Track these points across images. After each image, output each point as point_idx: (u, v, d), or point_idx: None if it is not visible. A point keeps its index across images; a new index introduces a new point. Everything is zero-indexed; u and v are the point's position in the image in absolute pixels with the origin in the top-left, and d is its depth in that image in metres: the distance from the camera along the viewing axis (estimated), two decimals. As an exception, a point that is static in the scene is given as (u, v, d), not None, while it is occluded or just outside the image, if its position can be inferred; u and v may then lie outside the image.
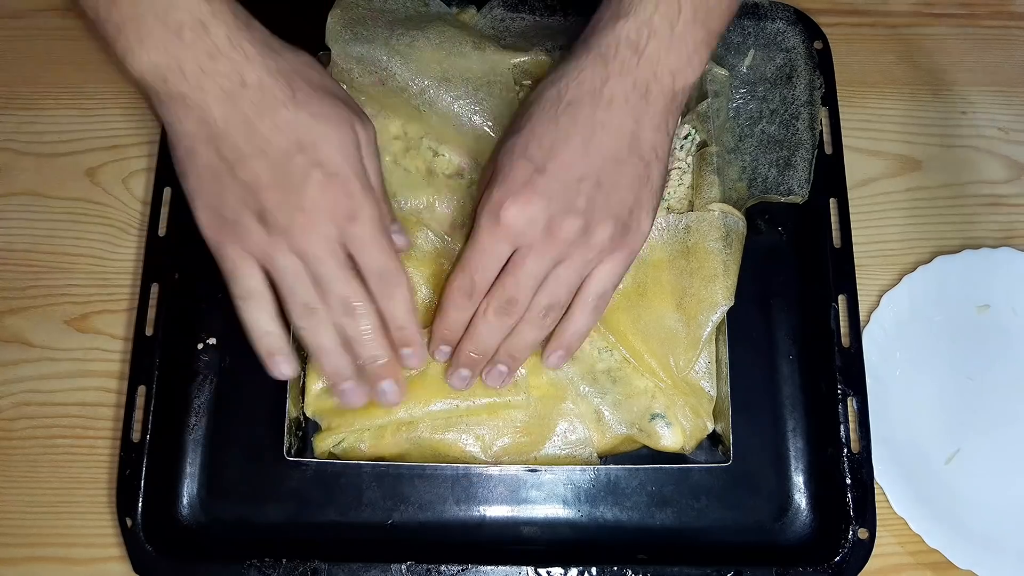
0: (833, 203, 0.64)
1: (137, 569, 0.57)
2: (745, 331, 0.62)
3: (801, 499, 0.60)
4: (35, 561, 0.60)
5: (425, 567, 0.57)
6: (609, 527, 0.60)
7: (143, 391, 0.60)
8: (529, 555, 0.58)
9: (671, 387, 0.59)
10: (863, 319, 0.65)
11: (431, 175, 0.62)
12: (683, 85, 0.51)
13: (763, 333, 0.63)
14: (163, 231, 0.63)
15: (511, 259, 0.51)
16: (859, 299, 0.62)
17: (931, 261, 0.66)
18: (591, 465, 0.59)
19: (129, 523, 0.57)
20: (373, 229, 0.50)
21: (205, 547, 0.59)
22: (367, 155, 0.51)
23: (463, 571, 0.57)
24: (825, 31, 0.68)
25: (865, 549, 0.57)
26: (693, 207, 0.61)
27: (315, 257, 0.49)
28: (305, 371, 0.60)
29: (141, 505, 0.58)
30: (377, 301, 0.52)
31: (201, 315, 0.63)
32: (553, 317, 0.53)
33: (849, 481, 0.58)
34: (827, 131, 0.66)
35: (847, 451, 0.59)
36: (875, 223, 0.68)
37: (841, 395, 0.60)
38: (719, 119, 0.63)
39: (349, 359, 0.53)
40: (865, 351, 0.62)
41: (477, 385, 0.59)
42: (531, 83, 0.64)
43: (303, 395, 0.60)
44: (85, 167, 0.69)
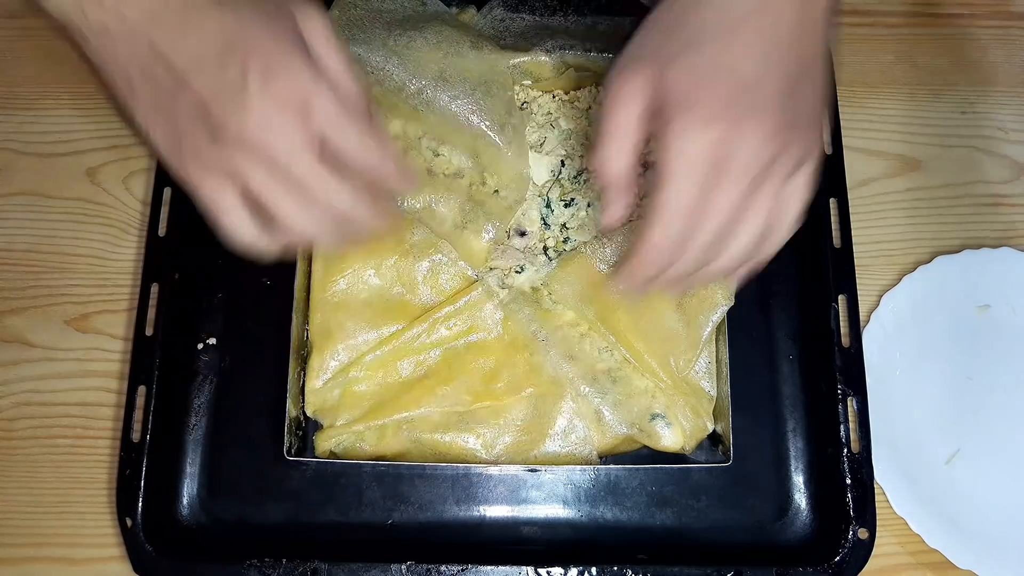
0: (833, 203, 0.64)
1: (137, 569, 0.57)
2: (745, 331, 0.62)
3: (801, 499, 0.60)
4: (35, 561, 0.60)
5: (425, 567, 0.57)
6: (609, 527, 0.60)
7: (143, 391, 0.60)
8: (529, 555, 0.58)
9: (671, 387, 0.59)
10: (863, 319, 0.65)
11: (431, 175, 0.62)
12: None
13: (763, 333, 0.63)
14: (163, 231, 0.63)
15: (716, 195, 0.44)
16: (859, 299, 0.62)
17: (931, 261, 0.66)
18: (591, 465, 0.59)
19: (129, 523, 0.57)
20: (333, 113, 0.45)
21: (205, 547, 0.59)
22: (319, 41, 0.46)
23: (463, 571, 0.57)
24: (825, 31, 0.68)
25: (865, 549, 0.57)
26: (693, 207, 0.61)
27: (280, 162, 0.45)
28: (305, 371, 0.60)
29: (141, 505, 0.58)
30: (365, 177, 0.47)
31: (201, 315, 0.63)
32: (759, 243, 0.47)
33: (849, 481, 0.58)
34: (827, 131, 0.66)
35: (847, 451, 0.59)
36: (875, 223, 0.68)
37: (841, 395, 0.60)
38: (719, 119, 0.63)
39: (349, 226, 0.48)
40: (865, 351, 0.62)
41: (478, 386, 0.59)
42: (531, 83, 0.65)
43: (303, 394, 0.60)
44: (85, 167, 0.69)
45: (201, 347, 0.63)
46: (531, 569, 0.57)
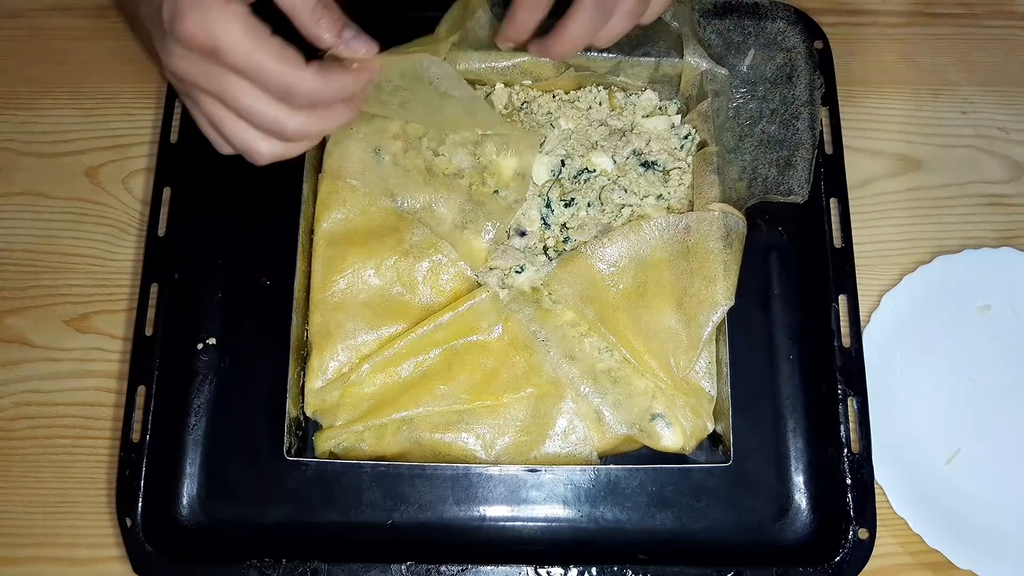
0: (833, 203, 0.64)
1: (137, 569, 0.57)
2: (745, 331, 0.62)
3: (801, 499, 0.60)
4: (35, 561, 0.60)
5: (425, 567, 0.57)
6: (609, 527, 0.60)
7: (143, 391, 0.60)
8: (529, 555, 0.58)
9: (671, 387, 0.59)
10: (863, 319, 0.65)
11: (431, 175, 0.62)
12: None
13: (763, 333, 0.63)
14: (163, 231, 0.63)
15: None
16: (859, 299, 0.62)
17: (931, 261, 0.66)
18: (591, 465, 0.59)
19: (129, 523, 0.57)
20: (242, 50, 0.44)
21: (205, 547, 0.59)
22: None
23: (463, 571, 0.57)
24: (825, 31, 0.68)
25: (865, 549, 0.57)
26: (693, 207, 0.61)
27: (208, 95, 0.47)
28: (305, 371, 0.60)
29: (141, 505, 0.58)
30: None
31: (201, 315, 0.63)
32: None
33: (849, 481, 0.58)
34: (827, 131, 0.66)
35: (847, 451, 0.59)
36: (875, 223, 0.68)
37: (841, 395, 0.60)
38: (719, 119, 0.63)
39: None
40: (865, 351, 0.62)
41: (477, 386, 0.59)
42: (531, 83, 0.65)
43: (303, 395, 0.60)
44: (85, 167, 0.69)
45: (201, 347, 0.63)
46: (531, 569, 0.57)
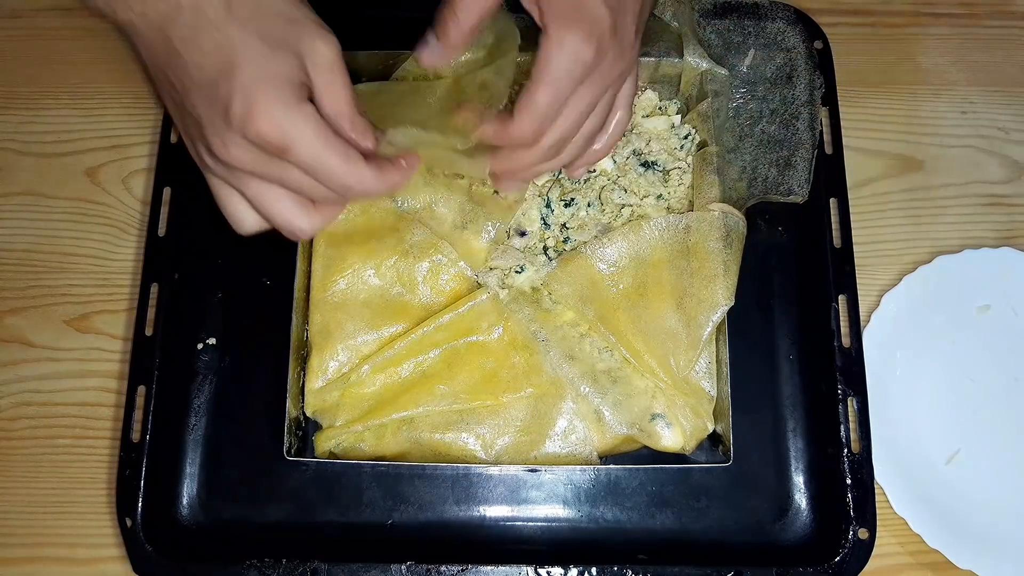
0: (833, 203, 0.64)
1: (137, 569, 0.57)
2: (745, 331, 0.62)
3: (801, 499, 0.60)
4: (35, 561, 0.60)
5: (425, 567, 0.57)
6: (609, 527, 0.60)
7: (143, 391, 0.60)
8: (529, 555, 0.58)
9: (671, 387, 0.59)
10: (863, 319, 0.65)
11: (431, 175, 0.62)
12: None
13: (763, 333, 0.63)
14: (163, 231, 0.63)
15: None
16: (859, 299, 0.62)
17: (931, 261, 0.66)
18: (591, 465, 0.59)
19: (129, 523, 0.57)
20: (310, 157, 0.45)
21: (205, 547, 0.59)
22: (324, 75, 0.46)
23: (463, 571, 0.57)
24: (825, 31, 0.68)
25: (865, 549, 0.57)
26: (693, 207, 0.61)
27: (264, 184, 0.48)
28: (305, 371, 0.60)
29: (141, 505, 0.58)
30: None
31: (201, 315, 0.63)
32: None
33: (849, 481, 0.58)
34: (827, 131, 0.66)
35: (847, 451, 0.59)
36: (875, 223, 0.68)
37: (841, 395, 0.60)
38: (719, 119, 0.63)
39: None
40: (865, 351, 0.62)
41: (477, 386, 0.59)
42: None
43: (303, 395, 0.60)
44: (85, 167, 0.69)
45: (201, 347, 0.63)
46: (531, 569, 0.57)
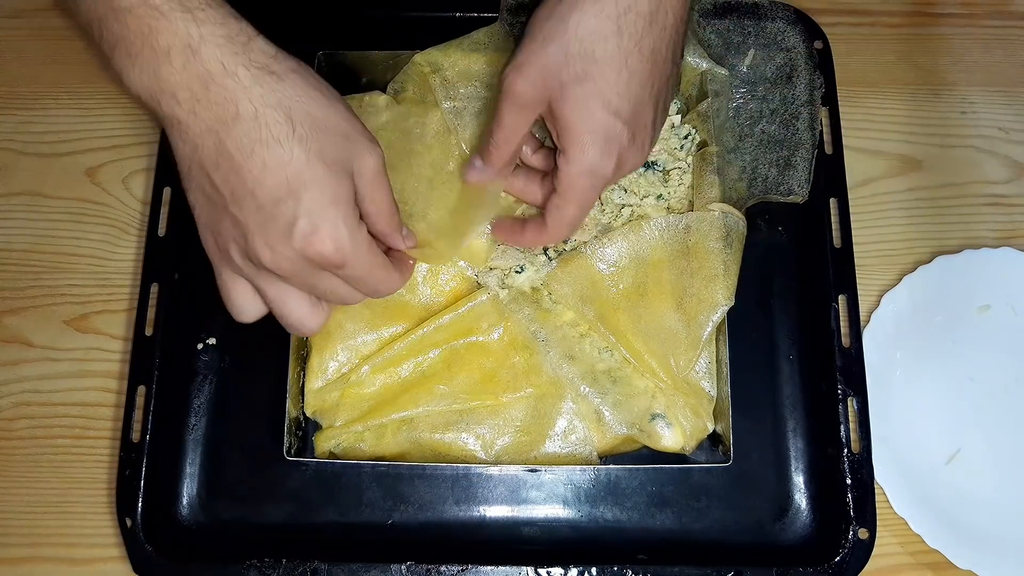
0: (833, 203, 0.64)
1: (137, 569, 0.57)
2: (745, 331, 0.62)
3: (801, 499, 0.60)
4: (35, 561, 0.60)
5: (425, 567, 0.57)
6: (609, 527, 0.60)
7: (143, 391, 0.60)
8: (529, 555, 0.58)
9: (671, 387, 0.59)
10: (863, 319, 0.65)
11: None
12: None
13: (763, 333, 0.63)
14: (163, 231, 0.63)
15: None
16: (859, 299, 0.62)
17: (931, 261, 0.66)
18: (591, 465, 0.59)
19: (129, 523, 0.57)
20: (361, 269, 0.49)
21: (205, 547, 0.59)
22: (369, 186, 0.49)
23: (463, 571, 0.57)
24: (825, 31, 0.68)
25: (865, 549, 0.57)
26: (693, 207, 0.61)
27: (298, 293, 0.51)
28: (305, 371, 0.60)
29: (141, 505, 0.58)
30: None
31: (201, 315, 0.63)
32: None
33: (849, 481, 0.58)
34: (827, 131, 0.66)
35: (847, 451, 0.59)
36: (875, 223, 0.68)
37: (841, 395, 0.60)
38: (719, 119, 0.63)
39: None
40: (865, 351, 0.61)
41: (477, 386, 0.59)
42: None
43: (303, 395, 0.60)
44: (85, 167, 0.69)
45: (201, 347, 0.63)
46: (531, 569, 0.57)
